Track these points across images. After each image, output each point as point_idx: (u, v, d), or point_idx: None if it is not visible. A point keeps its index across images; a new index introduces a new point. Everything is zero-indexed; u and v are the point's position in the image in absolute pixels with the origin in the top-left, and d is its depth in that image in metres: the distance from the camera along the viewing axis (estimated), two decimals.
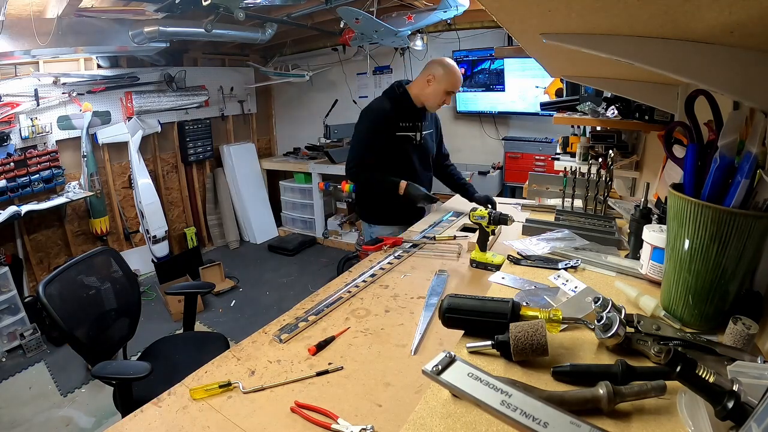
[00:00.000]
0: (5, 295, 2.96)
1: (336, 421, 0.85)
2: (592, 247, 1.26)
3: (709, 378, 0.52)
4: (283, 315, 1.27)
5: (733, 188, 0.70)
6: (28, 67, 3.27)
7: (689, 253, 0.76)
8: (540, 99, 3.35)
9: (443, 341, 1.11)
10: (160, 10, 2.79)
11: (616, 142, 2.26)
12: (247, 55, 4.95)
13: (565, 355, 0.74)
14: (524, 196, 2.31)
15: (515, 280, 1.09)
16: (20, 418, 2.36)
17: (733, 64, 0.63)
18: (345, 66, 4.76)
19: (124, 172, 4.08)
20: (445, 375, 0.55)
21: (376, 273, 1.52)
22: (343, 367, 1.03)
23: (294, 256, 4.57)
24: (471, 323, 0.80)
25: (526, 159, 3.97)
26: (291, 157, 5.07)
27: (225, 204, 4.90)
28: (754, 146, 0.67)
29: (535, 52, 1.37)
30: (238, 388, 0.96)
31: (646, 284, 1.00)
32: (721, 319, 0.76)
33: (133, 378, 1.34)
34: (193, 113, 4.49)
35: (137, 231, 4.15)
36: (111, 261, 1.80)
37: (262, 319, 1.26)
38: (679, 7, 0.51)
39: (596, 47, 0.72)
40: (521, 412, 0.48)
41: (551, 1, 0.61)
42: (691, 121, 0.77)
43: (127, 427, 0.88)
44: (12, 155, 3.15)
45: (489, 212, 1.49)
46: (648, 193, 1.18)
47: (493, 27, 3.76)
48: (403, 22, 3.39)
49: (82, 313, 1.57)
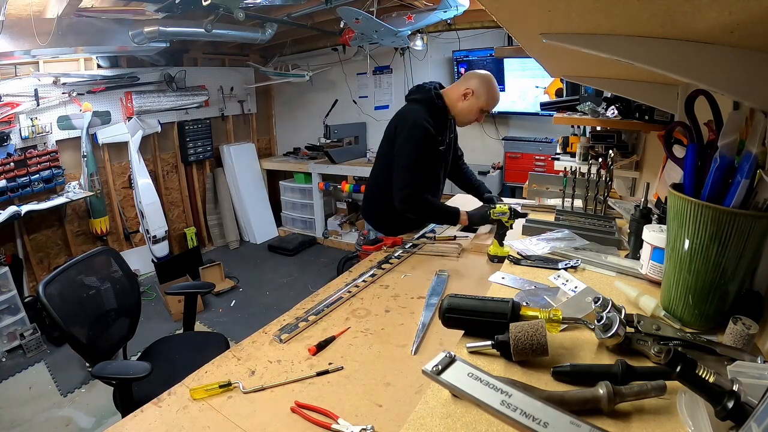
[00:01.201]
0: (5, 295, 2.96)
1: (336, 421, 0.85)
2: (592, 247, 1.26)
3: (709, 378, 0.52)
4: (283, 315, 1.27)
5: (733, 188, 0.70)
6: (28, 67, 3.27)
7: (689, 253, 0.76)
8: (540, 99, 3.36)
9: (443, 341, 1.11)
10: (160, 10, 2.79)
11: (616, 142, 2.26)
12: (247, 55, 4.95)
13: (565, 355, 0.74)
14: (524, 196, 2.31)
15: (515, 280, 1.09)
16: (20, 418, 2.36)
17: (733, 64, 0.63)
18: (345, 66, 4.75)
19: (124, 172, 4.08)
20: (445, 375, 0.55)
21: (376, 273, 1.52)
22: (343, 367, 1.03)
23: (294, 256, 4.57)
24: (471, 323, 0.80)
25: (526, 159, 3.97)
26: (291, 157, 5.07)
27: (225, 204, 4.90)
28: (754, 146, 0.67)
29: (535, 52, 1.37)
30: (238, 388, 0.96)
31: (646, 284, 1.00)
32: (721, 319, 0.76)
33: (133, 378, 1.34)
34: (193, 113, 4.49)
35: (137, 231, 4.15)
36: (111, 261, 1.80)
37: (262, 319, 1.26)
38: (679, 7, 0.51)
39: (596, 47, 0.72)
40: (521, 412, 0.48)
41: (551, 1, 0.61)
42: (691, 121, 0.77)
43: (127, 427, 0.88)
44: (12, 155, 3.15)
45: (510, 207, 1.59)
46: (648, 193, 1.18)
47: (493, 27, 3.76)
48: (403, 22, 3.39)
49: (82, 313, 1.57)
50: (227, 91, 4.79)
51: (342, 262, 4.10)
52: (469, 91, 1.80)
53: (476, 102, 1.80)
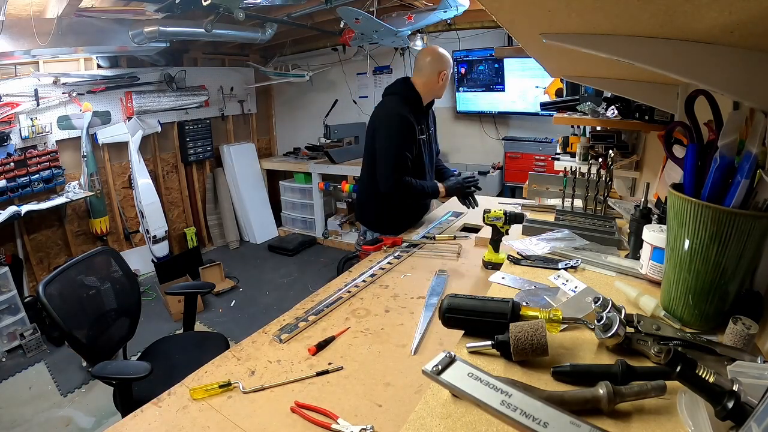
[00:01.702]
0: (5, 295, 2.96)
1: (336, 421, 0.85)
2: (592, 247, 1.26)
3: (709, 378, 0.52)
4: (283, 315, 1.27)
5: (733, 188, 0.70)
6: (28, 67, 3.27)
7: (689, 253, 0.76)
8: (540, 99, 3.35)
9: (443, 341, 1.11)
10: (160, 10, 2.79)
11: (616, 142, 2.26)
12: (247, 55, 4.95)
13: (565, 355, 0.74)
14: (524, 196, 2.30)
15: (515, 280, 1.09)
16: (20, 418, 2.36)
17: (733, 64, 0.63)
18: (345, 66, 4.75)
19: (124, 172, 4.08)
20: (445, 375, 0.55)
21: (376, 273, 1.52)
22: (343, 367, 1.03)
23: (294, 256, 4.57)
24: (471, 323, 0.80)
25: (526, 159, 3.97)
26: (291, 157, 5.06)
27: (225, 204, 4.90)
28: (754, 146, 0.67)
29: (535, 52, 1.37)
30: (238, 388, 0.96)
31: (646, 284, 1.00)
32: (721, 319, 0.76)
33: (133, 378, 1.34)
34: (193, 113, 4.49)
35: (137, 231, 4.15)
36: (111, 261, 1.80)
37: (262, 319, 1.26)
38: (679, 7, 0.51)
39: (596, 47, 0.72)
40: (521, 412, 0.48)
41: (551, 1, 0.61)
42: (691, 121, 0.77)
43: (127, 427, 0.88)
44: (12, 155, 3.15)
45: (504, 212, 1.49)
46: (648, 193, 1.18)
47: (493, 27, 3.76)
48: (403, 22, 3.39)
49: (81, 313, 1.57)
50: (227, 91, 4.79)
51: (342, 262, 4.10)
52: (443, 73, 1.91)
53: (446, 75, 1.92)
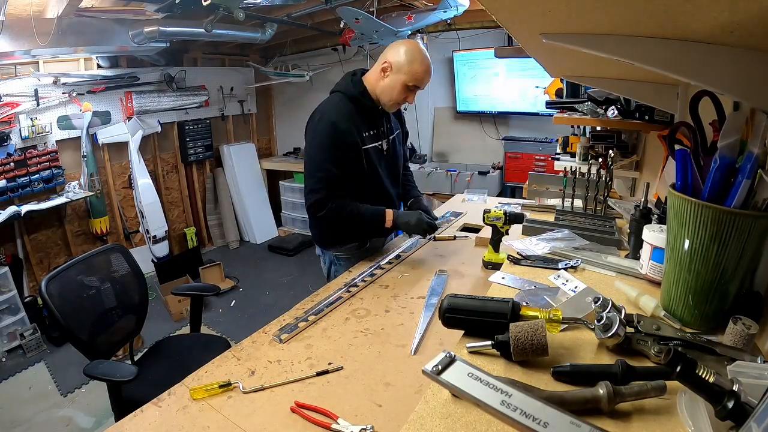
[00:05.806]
0: (5, 295, 2.96)
1: (336, 421, 0.85)
2: (592, 247, 1.26)
3: (709, 378, 0.52)
4: (283, 315, 1.27)
5: (734, 188, 0.70)
6: (28, 67, 3.27)
7: (689, 253, 0.76)
8: (540, 99, 3.35)
9: (443, 341, 1.11)
10: (160, 10, 2.79)
11: (616, 142, 2.26)
12: (247, 55, 4.95)
13: (565, 355, 0.74)
14: (524, 196, 2.30)
15: (515, 280, 1.09)
16: (20, 418, 2.36)
17: (733, 64, 0.63)
18: (345, 66, 4.74)
19: (124, 172, 4.08)
20: (445, 375, 0.55)
21: (376, 273, 1.52)
22: (343, 367, 1.03)
23: (294, 256, 4.56)
24: (471, 323, 0.80)
25: (526, 159, 3.97)
26: (291, 157, 5.06)
27: (225, 204, 4.90)
28: (755, 146, 0.67)
29: (535, 52, 1.37)
30: (238, 388, 0.96)
31: (646, 284, 1.00)
32: (721, 319, 0.76)
33: (119, 381, 1.34)
34: (193, 113, 4.49)
35: (137, 231, 4.15)
36: (120, 258, 1.81)
37: (262, 319, 1.26)
38: (679, 7, 0.51)
39: (596, 47, 0.72)
40: (521, 412, 0.48)
41: (551, 1, 0.61)
42: (695, 122, 0.77)
43: (127, 427, 0.88)
44: (12, 155, 3.15)
45: (504, 212, 1.45)
46: (648, 193, 1.18)
47: (493, 27, 3.75)
48: (403, 22, 3.39)
49: (83, 312, 1.57)
50: (227, 91, 4.79)
51: None
52: (387, 66, 1.48)
53: (398, 77, 1.47)
